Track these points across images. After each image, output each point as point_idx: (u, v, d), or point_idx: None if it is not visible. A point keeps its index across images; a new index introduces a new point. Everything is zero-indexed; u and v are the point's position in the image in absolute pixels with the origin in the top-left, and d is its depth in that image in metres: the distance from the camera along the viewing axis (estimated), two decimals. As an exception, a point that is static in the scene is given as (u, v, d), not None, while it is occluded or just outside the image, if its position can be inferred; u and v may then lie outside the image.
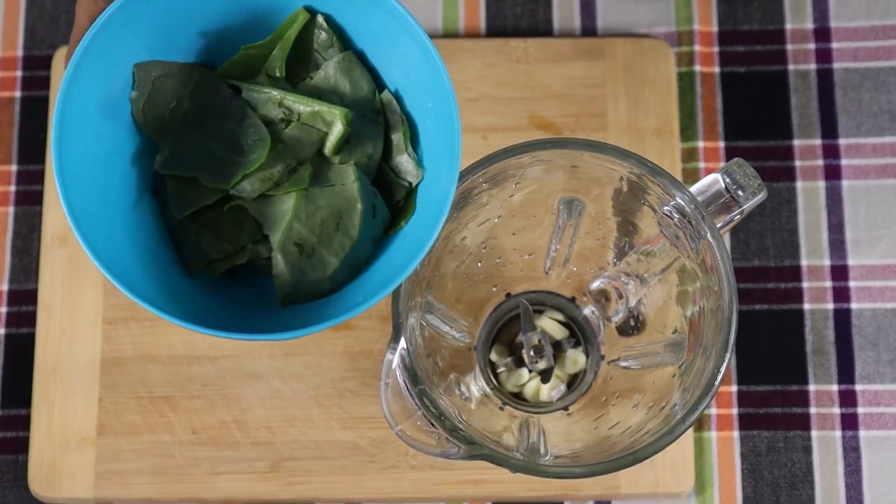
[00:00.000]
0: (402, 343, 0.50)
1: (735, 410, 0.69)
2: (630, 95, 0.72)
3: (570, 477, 0.49)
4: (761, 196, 0.53)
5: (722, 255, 0.51)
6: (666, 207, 0.53)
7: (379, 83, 0.52)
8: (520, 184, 0.56)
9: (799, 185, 0.72)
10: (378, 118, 0.52)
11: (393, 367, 0.49)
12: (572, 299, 0.66)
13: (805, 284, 0.70)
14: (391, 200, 0.52)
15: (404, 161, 0.52)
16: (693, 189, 0.53)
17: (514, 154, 0.51)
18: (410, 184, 0.52)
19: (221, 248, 0.51)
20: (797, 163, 0.72)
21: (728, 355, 0.50)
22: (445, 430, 0.49)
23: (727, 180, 0.53)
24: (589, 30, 0.74)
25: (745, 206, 0.53)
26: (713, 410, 0.69)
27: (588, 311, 0.66)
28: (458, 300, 0.61)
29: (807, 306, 0.70)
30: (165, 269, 0.51)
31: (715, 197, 0.53)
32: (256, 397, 0.68)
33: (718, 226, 0.53)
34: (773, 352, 0.70)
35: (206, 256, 0.52)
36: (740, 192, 0.53)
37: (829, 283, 0.70)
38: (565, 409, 0.64)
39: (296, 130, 0.50)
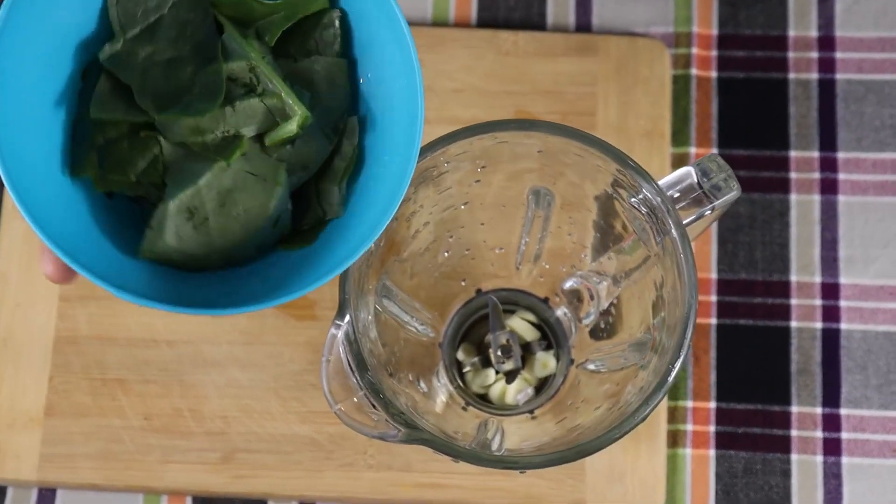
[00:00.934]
0: (348, 318, 0.51)
1: (712, 428, 0.70)
2: (621, 95, 0.73)
3: (512, 466, 0.50)
4: (734, 193, 0.54)
5: (685, 250, 0.52)
6: (633, 199, 0.54)
7: (353, 105, 0.52)
8: (486, 168, 0.57)
9: (793, 197, 0.73)
10: (333, 138, 0.51)
11: (337, 341, 0.50)
12: (545, 300, 0.67)
13: (793, 301, 0.71)
14: (298, 220, 0.52)
15: (333, 192, 0.51)
16: (663, 181, 0.54)
17: (475, 133, 0.52)
18: (325, 215, 0.51)
19: (116, 167, 0.50)
20: (792, 174, 0.73)
21: (683, 353, 0.51)
22: (387, 412, 0.50)
23: (700, 174, 0.54)
24: (583, 26, 0.75)
25: (716, 203, 0.54)
26: (689, 427, 0.70)
27: (560, 312, 0.67)
28: (421, 289, 0.62)
29: (794, 324, 0.71)
30: (105, 235, 0.51)
31: (686, 191, 0.54)
32: (213, 385, 0.69)
33: (688, 220, 0.54)
34: (755, 369, 0.70)
35: (97, 168, 0.50)
36: (712, 188, 0.54)
37: (818, 302, 0.71)
38: (531, 412, 0.65)
39: (250, 103, 0.50)
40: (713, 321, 0.71)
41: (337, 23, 0.51)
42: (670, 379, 0.50)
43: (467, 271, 0.65)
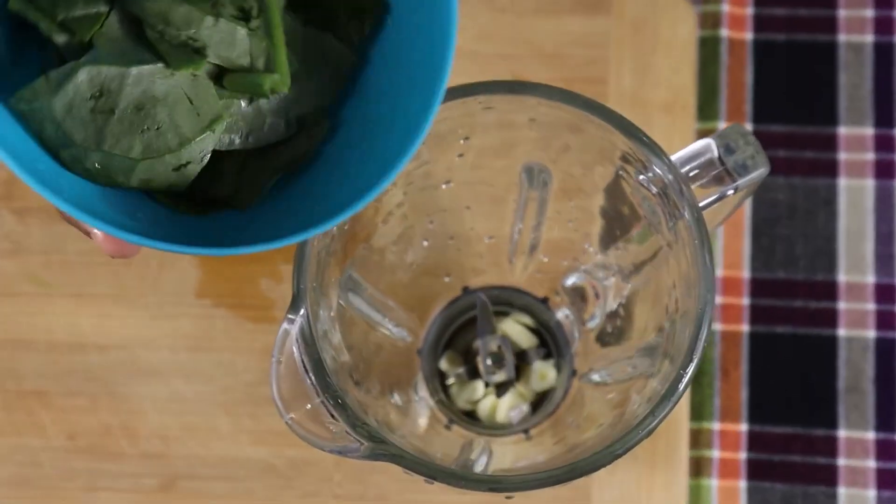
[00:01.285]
0: (302, 311, 0.52)
1: (743, 455, 0.71)
2: (638, 61, 0.74)
3: (496, 488, 0.51)
4: (761, 171, 0.55)
5: (700, 235, 0.53)
6: (642, 177, 0.56)
7: (338, 109, 0.52)
8: (469, 140, 0.58)
9: (842, 182, 0.74)
10: (293, 129, 0.51)
11: (290, 341, 0.52)
12: (544, 300, 0.68)
13: (841, 305, 0.72)
14: (199, 182, 0.51)
15: (256, 177, 0.51)
16: (678, 156, 0.55)
17: (455, 96, 0.54)
18: (231, 196, 0.52)
19: None
20: (841, 155, 0.74)
21: (697, 357, 0.52)
22: (348, 423, 0.51)
23: (721, 147, 0.55)
24: (594, -22, 0.77)
25: (740, 182, 0.55)
26: (716, 453, 0.71)
27: (562, 314, 0.68)
28: (397, 286, 0.63)
29: (842, 332, 0.72)
30: None
31: (705, 167, 0.55)
32: (151, 399, 0.71)
33: (705, 202, 0.55)
34: (795, 386, 0.71)
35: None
36: (736, 164, 0.55)
37: (871, 306, 0.72)
38: (525, 431, 0.66)
39: (236, 29, 0.49)
40: (745, 328, 0.72)
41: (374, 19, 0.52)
42: (681, 386, 0.51)
43: (451, 265, 0.67)
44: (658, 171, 0.54)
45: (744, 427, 0.71)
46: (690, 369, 0.52)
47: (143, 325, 0.71)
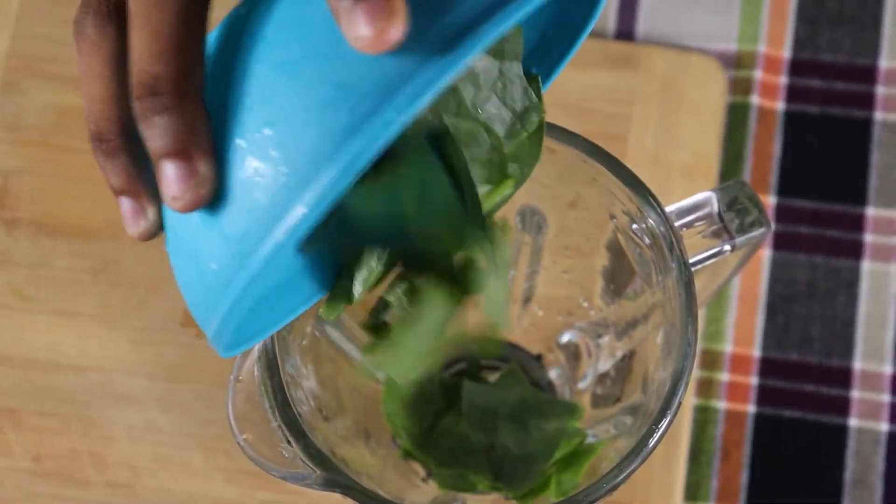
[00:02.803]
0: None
1: (739, 544, 0.70)
2: (662, 120, 0.74)
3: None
4: (761, 231, 0.55)
5: (685, 294, 0.53)
6: (635, 226, 0.55)
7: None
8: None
9: (866, 265, 0.73)
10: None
11: (250, 360, 0.52)
12: (538, 357, 0.68)
13: (855, 394, 0.71)
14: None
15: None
16: (676, 206, 0.55)
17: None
18: None
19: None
20: (868, 237, 0.73)
21: (672, 413, 0.51)
22: (304, 451, 0.51)
23: (722, 202, 0.55)
24: (625, 33, 0.77)
25: (738, 240, 0.55)
26: (709, 537, 0.70)
27: (554, 373, 0.67)
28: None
29: (853, 422, 0.71)
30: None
31: (702, 220, 0.55)
32: (125, 426, 0.70)
33: (698, 257, 0.55)
34: (799, 474, 0.70)
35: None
36: (736, 220, 0.55)
37: (887, 398, 0.71)
38: (507, 497, 0.66)
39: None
40: (751, 409, 0.71)
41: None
42: (651, 442, 0.51)
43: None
44: (651, 221, 0.54)
45: (741, 511, 0.70)
46: (663, 424, 0.51)
47: (125, 349, 0.72)
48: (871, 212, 0.74)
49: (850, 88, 0.75)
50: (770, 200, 0.74)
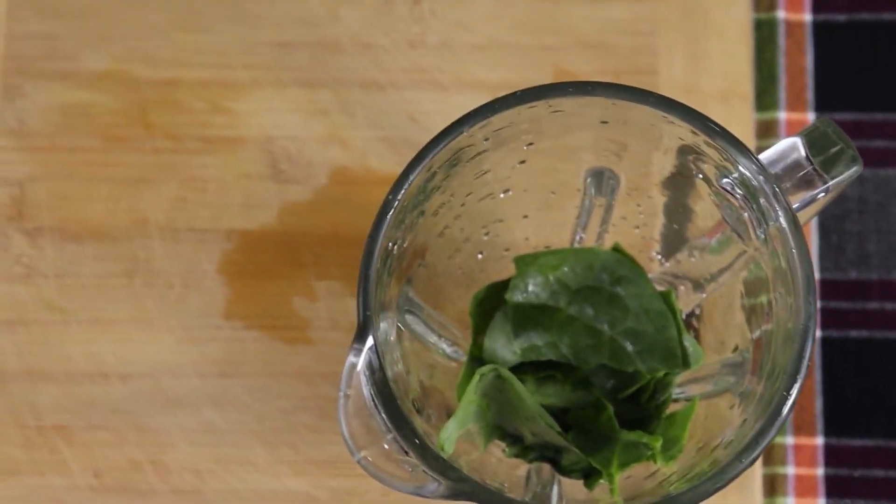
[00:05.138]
0: (370, 342, 0.51)
1: (821, 471, 0.70)
2: (689, 48, 0.73)
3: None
4: (855, 169, 0.54)
5: (797, 243, 0.52)
6: (726, 180, 0.54)
7: None
8: (533, 145, 0.57)
9: (914, 173, 0.73)
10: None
11: (357, 372, 0.51)
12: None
13: (920, 305, 0.71)
14: None
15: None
16: (763, 157, 0.54)
17: (523, 101, 0.52)
18: None
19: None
20: (913, 143, 0.73)
21: (802, 376, 0.51)
22: (424, 459, 0.50)
23: (809, 146, 0.54)
24: (639, -40, 0.75)
25: (831, 182, 0.54)
26: (791, 470, 0.70)
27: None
28: (448, 301, 0.62)
29: (922, 335, 0.71)
30: None
31: (792, 169, 0.54)
32: (180, 430, 0.69)
33: (795, 206, 0.54)
34: (874, 394, 0.70)
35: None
36: (827, 163, 0.54)
37: (950, 304, 0.71)
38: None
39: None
40: (817, 334, 0.71)
41: None
42: (784, 411, 0.50)
43: (503, 273, 0.65)
44: (746, 172, 0.53)
45: (820, 441, 0.70)
46: (794, 390, 0.51)
47: (168, 350, 0.70)
48: (912, 117, 0.73)
49: (877, -10, 0.75)
50: (809, 116, 0.73)
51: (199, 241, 0.71)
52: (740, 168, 0.53)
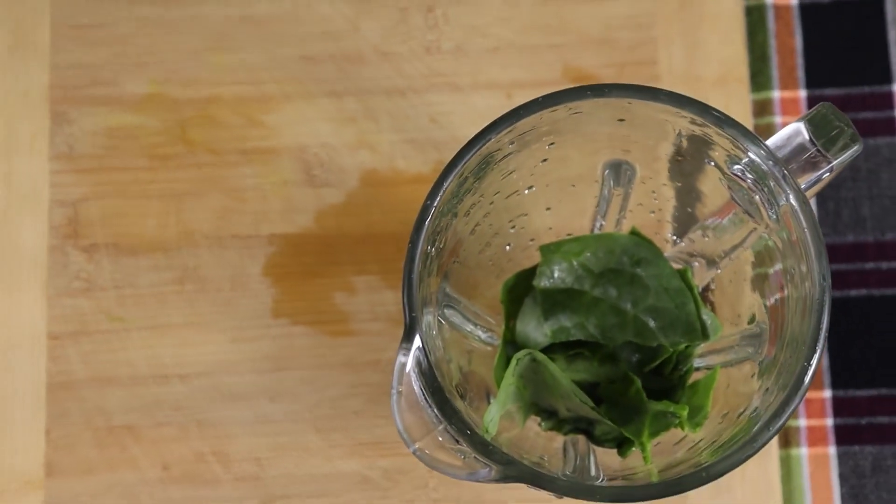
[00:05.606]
0: (417, 342, 0.49)
1: (830, 421, 0.69)
2: (686, 37, 0.71)
3: (628, 500, 0.48)
4: (856, 149, 0.53)
5: (808, 221, 0.51)
6: (736, 167, 0.53)
7: None
8: (554, 144, 0.55)
9: (901, 140, 0.71)
10: None
11: (407, 371, 0.49)
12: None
13: (913, 262, 0.70)
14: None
15: None
16: (769, 142, 0.53)
17: (545, 106, 0.51)
18: None
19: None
20: (898, 112, 0.72)
21: (820, 346, 0.49)
22: (473, 446, 0.49)
23: (812, 130, 0.53)
24: (633, -42, 0.73)
25: (835, 162, 0.53)
26: (802, 422, 0.68)
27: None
28: (477, 290, 0.61)
29: (916, 290, 0.70)
30: None
31: (797, 152, 0.53)
32: (239, 423, 0.68)
33: (803, 186, 0.52)
34: (876, 348, 0.69)
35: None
36: (829, 144, 0.53)
37: (941, 260, 0.70)
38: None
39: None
40: (820, 294, 0.69)
41: None
42: (807, 380, 0.49)
43: (529, 261, 0.64)
44: (756, 158, 0.51)
45: (828, 393, 0.68)
46: (814, 360, 0.49)
47: (223, 349, 0.69)
48: None
49: (855, -27, 0.73)
50: (801, 94, 0.72)
51: (243, 247, 0.70)
52: (750, 155, 0.52)
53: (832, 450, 0.68)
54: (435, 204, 0.51)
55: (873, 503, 0.68)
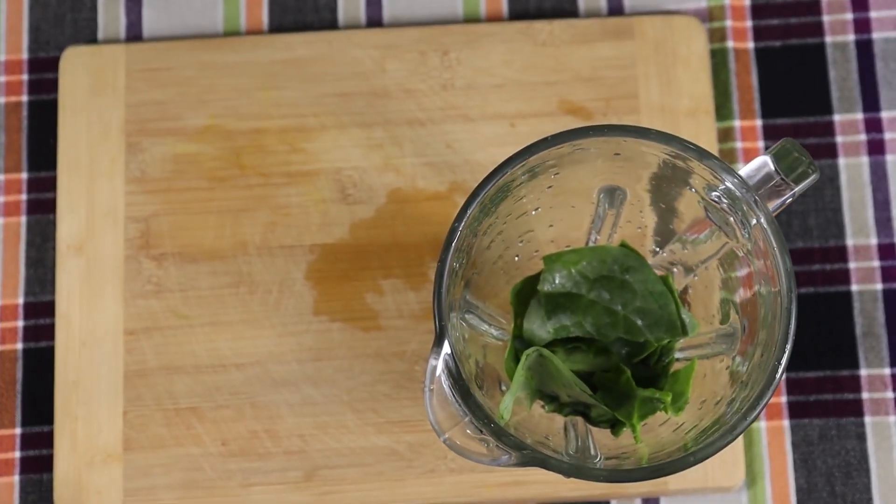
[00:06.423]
0: (447, 348, 0.48)
1: (784, 399, 0.68)
2: (662, 75, 0.70)
3: (625, 480, 0.48)
4: (814, 177, 0.52)
5: (777, 241, 0.50)
6: (714, 193, 0.52)
7: None
8: (559, 174, 0.55)
9: (841, 161, 0.71)
10: None
11: (437, 373, 0.48)
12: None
13: (852, 265, 0.69)
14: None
15: None
16: (741, 172, 0.52)
17: (553, 144, 0.50)
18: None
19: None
20: (838, 139, 0.71)
21: (789, 346, 0.49)
22: (494, 435, 0.48)
23: (776, 162, 0.52)
24: (616, 9, 0.73)
25: (797, 189, 0.52)
26: (761, 400, 0.68)
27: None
28: (495, 296, 0.60)
29: (854, 288, 0.69)
30: None
31: (765, 181, 0.52)
32: (286, 405, 0.67)
33: (771, 209, 0.52)
34: (821, 336, 0.69)
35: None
36: (791, 173, 0.52)
37: (876, 263, 0.69)
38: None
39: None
40: (774, 293, 0.69)
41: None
42: (778, 375, 0.48)
43: (534, 269, 0.63)
44: (731, 187, 0.51)
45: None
46: (784, 359, 0.49)
47: (272, 343, 0.68)
48: (836, 118, 0.71)
49: (802, 21, 0.73)
50: (757, 123, 0.71)
51: (288, 255, 0.69)
52: (727, 183, 0.52)
53: (786, 423, 0.68)
54: (461, 227, 0.50)
55: (820, 467, 0.67)
